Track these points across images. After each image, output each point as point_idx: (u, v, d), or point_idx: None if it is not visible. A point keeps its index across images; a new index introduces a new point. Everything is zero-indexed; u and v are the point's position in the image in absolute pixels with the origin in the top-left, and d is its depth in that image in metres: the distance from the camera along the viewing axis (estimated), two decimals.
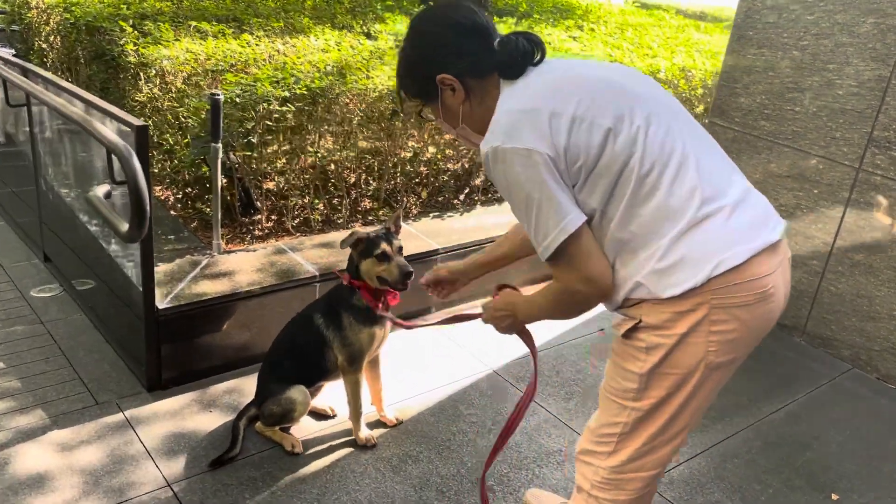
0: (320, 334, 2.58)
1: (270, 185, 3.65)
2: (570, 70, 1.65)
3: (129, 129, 2.45)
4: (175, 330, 2.84)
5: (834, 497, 2.67)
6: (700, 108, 5.15)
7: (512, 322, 1.82)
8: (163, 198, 3.83)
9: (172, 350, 2.86)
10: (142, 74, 3.64)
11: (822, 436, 3.01)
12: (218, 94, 2.94)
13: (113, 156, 2.34)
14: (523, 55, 1.62)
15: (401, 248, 2.51)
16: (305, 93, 3.35)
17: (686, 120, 1.63)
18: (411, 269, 2.45)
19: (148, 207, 2.24)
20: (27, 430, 2.59)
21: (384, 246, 2.46)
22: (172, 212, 3.68)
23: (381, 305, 2.53)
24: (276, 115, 3.27)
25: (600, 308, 1.67)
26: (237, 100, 3.17)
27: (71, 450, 2.52)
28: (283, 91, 3.29)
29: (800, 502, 2.62)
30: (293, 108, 3.30)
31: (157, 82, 3.63)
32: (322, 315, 2.59)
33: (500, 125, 1.55)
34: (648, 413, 1.65)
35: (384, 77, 3.67)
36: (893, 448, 2.98)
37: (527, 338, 1.94)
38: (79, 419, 2.68)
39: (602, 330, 3.64)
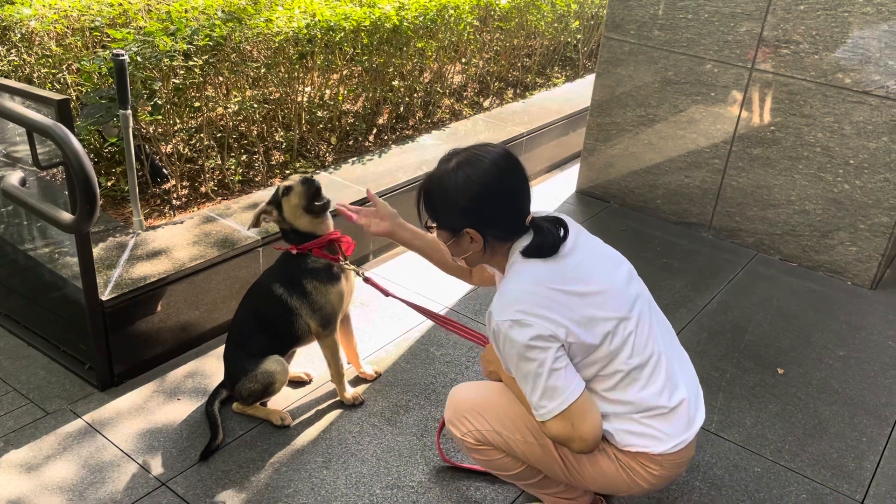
0: (285, 304, 2.45)
1: (170, 149, 3.36)
2: (584, 261, 1.77)
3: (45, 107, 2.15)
4: (122, 321, 2.60)
5: (780, 371, 2.96)
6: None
7: (494, 376, 1.98)
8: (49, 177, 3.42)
9: (121, 342, 2.62)
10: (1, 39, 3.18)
11: (753, 318, 3.31)
12: (122, 54, 2.63)
13: (37, 138, 2.05)
14: (552, 246, 1.74)
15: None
16: (209, 43, 3.07)
17: (657, 313, 1.87)
18: (313, 180, 2.41)
19: (97, 191, 1.99)
20: None
21: (282, 184, 2.44)
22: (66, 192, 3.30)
23: (340, 257, 2.46)
24: (182, 72, 2.98)
25: None
26: (138, 58, 2.85)
27: (38, 468, 2.28)
28: (184, 44, 3.00)
29: (754, 381, 2.89)
30: (200, 62, 3.02)
31: (24, 48, 3.18)
32: (282, 284, 2.45)
33: (517, 302, 1.67)
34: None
35: (284, 19, 3.43)
36: (813, 319, 3.33)
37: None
38: (34, 434, 2.42)
39: None
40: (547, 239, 1.74)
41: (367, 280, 2.48)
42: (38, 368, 2.73)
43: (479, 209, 1.72)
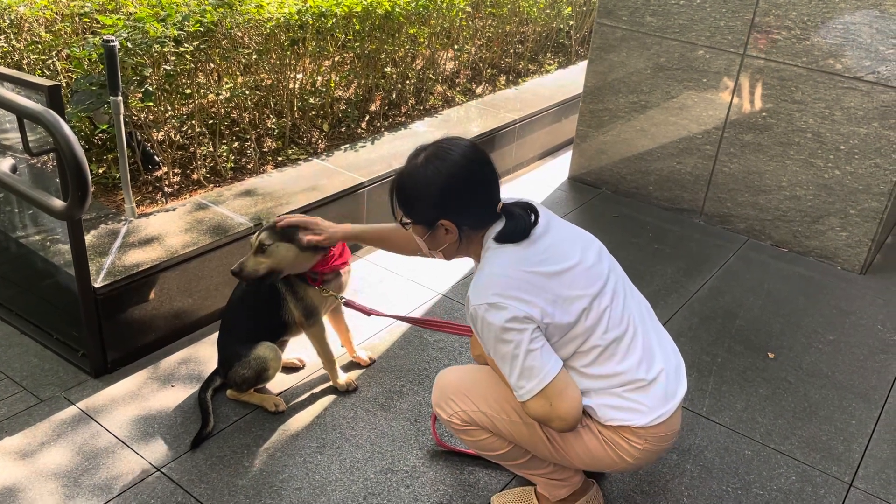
0: (274, 289, 2.46)
1: (162, 136, 3.34)
2: (556, 243, 1.80)
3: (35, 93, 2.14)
4: (115, 308, 2.59)
5: (770, 355, 2.99)
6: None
7: (482, 360, 2.04)
8: (39, 164, 3.40)
9: (114, 330, 2.62)
10: None
11: (744, 303, 3.33)
12: (112, 40, 2.61)
13: (27, 125, 2.04)
14: (524, 231, 1.77)
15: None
16: (199, 29, 3.05)
17: (631, 289, 1.91)
18: (233, 268, 2.36)
19: (89, 177, 1.99)
20: None
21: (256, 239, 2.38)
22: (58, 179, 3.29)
23: (319, 283, 2.46)
24: (173, 59, 2.96)
25: None
26: (128, 45, 2.83)
27: (32, 455, 2.28)
28: (175, 30, 2.98)
29: (744, 365, 2.91)
30: (191, 48, 3.00)
31: (12, 34, 3.16)
32: None
33: (492, 285, 1.70)
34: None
35: (275, 4, 3.42)
36: (803, 304, 3.36)
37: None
38: (27, 421, 2.42)
39: None
40: (519, 224, 1.78)
41: (347, 304, 2.51)
42: (31, 356, 2.73)
43: (451, 200, 1.76)
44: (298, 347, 2.78)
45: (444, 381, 2.01)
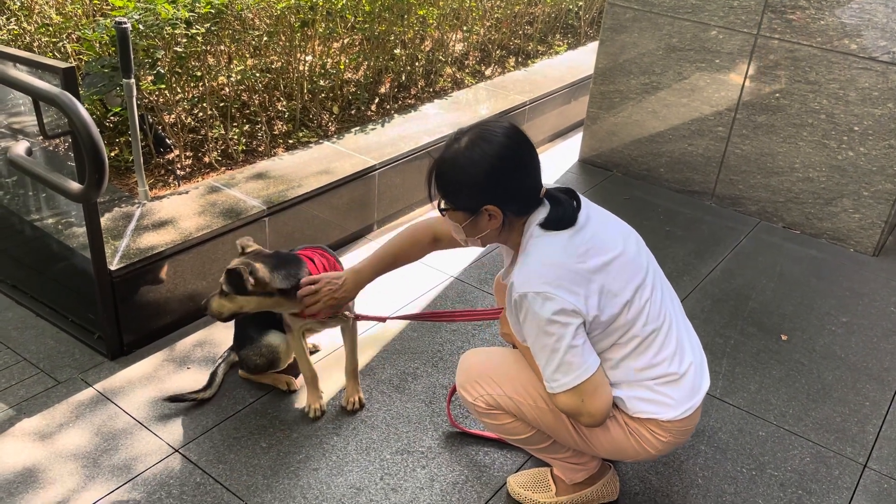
0: None
1: (173, 118, 3.34)
2: (598, 233, 1.77)
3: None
4: (130, 290, 2.60)
5: (783, 337, 2.99)
6: None
7: (509, 339, 1.98)
8: (52, 147, 3.40)
9: (129, 312, 2.63)
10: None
11: (756, 285, 3.33)
12: (124, 22, 2.60)
13: (42, 107, 2.04)
14: (572, 217, 1.75)
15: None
16: (210, 11, 3.03)
17: (665, 284, 1.90)
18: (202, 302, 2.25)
19: (106, 160, 1.99)
20: None
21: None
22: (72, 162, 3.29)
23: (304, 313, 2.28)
24: (184, 41, 2.95)
25: None
26: (140, 26, 2.82)
27: (52, 436, 2.30)
28: (186, 11, 2.97)
29: (757, 347, 2.91)
30: (202, 30, 2.99)
31: (23, 16, 3.15)
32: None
33: (543, 274, 1.67)
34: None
35: None
36: (815, 286, 3.35)
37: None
38: (46, 403, 2.44)
39: None
40: (567, 210, 1.75)
41: (357, 317, 2.40)
42: (48, 338, 2.74)
43: (499, 184, 1.71)
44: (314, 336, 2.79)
45: (470, 363, 2.00)
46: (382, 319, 2.41)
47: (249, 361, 2.48)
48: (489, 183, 1.71)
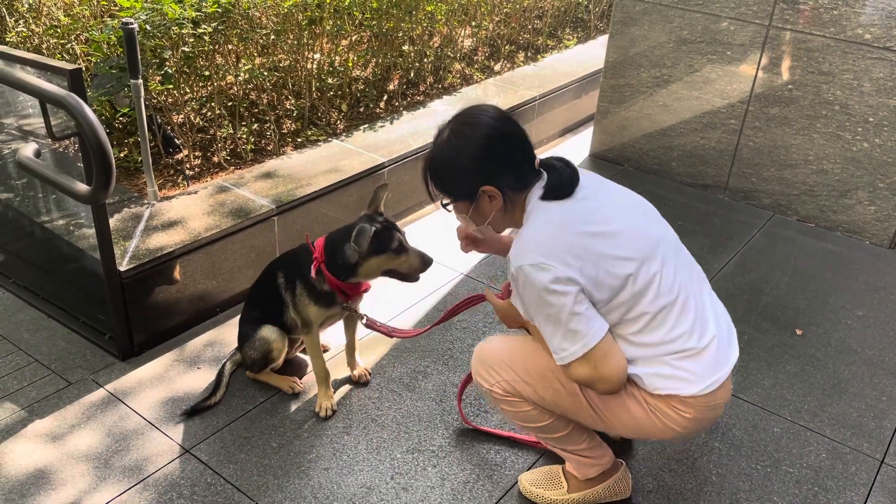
0: (279, 294, 2.41)
1: (182, 118, 3.34)
2: (605, 205, 1.77)
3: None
4: (141, 291, 2.61)
5: (798, 332, 2.95)
6: None
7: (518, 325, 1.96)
8: (61, 148, 3.42)
9: (139, 313, 2.64)
10: (8, 11, 3.15)
11: (770, 279, 3.29)
12: (131, 23, 2.60)
13: (49, 109, 2.04)
14: (569, 182, 1.74)
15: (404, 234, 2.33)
16: (217, 10, 3.03)
17: (683, 255, 1.85)
18: (431, 258, 2.33)
19: (113, 161, 1.99)
20: (2, 426, 2.34)
21: (398, 237, 2.28)
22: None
23: (345, 297, 2.36)
24: (192, 40, 2.95)
25: None
26: (147, 27, 2.82)
27: (63, 437, 2.31)
28: (193, 11, 2.96)
29: (772, 342, 2.88)
30: (209, 29, 2.98)
31: (31, 18, 3.15)
32: (283, 275, 2.41)
33: (536, 244, 1.67)
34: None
35: None
36: (830, 280, 3.31)
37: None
38: (57, 404, 2.44)
39: None
40: (563, 175, 1.75)
41: (369, 325, 2.41)
42: (59, 339, 2.75)
43: (487, 161, 1.73)
44: (323, 335, 2.78)
45: (485, 350, 1.98)
46: (389, 334, 2.41)
47: (247, 357, 2.48)
48: (478, 163, 1.72)
